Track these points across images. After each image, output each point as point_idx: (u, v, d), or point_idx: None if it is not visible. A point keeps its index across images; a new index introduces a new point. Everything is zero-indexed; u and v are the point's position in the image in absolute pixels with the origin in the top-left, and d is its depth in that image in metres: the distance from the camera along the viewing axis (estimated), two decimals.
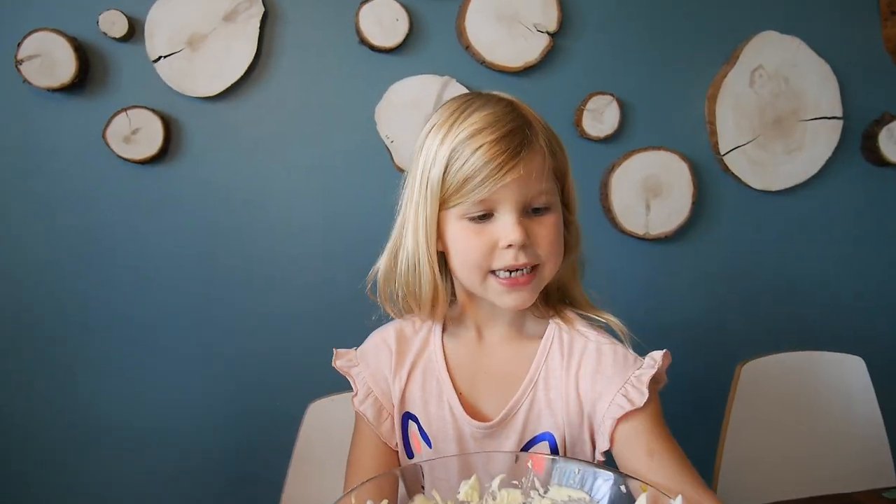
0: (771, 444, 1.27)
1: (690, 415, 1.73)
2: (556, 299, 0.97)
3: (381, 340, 0.98)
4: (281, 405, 1.58)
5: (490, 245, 0.84)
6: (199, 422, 1.66)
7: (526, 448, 0.90)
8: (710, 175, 1.79)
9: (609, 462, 0.88)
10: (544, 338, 0.94)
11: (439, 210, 0.85)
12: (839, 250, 1.88)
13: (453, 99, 0.90)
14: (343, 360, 0.98)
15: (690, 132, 1.77)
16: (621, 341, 0.91)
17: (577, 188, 0.93)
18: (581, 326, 0.94)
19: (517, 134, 0.82)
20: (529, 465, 0.74)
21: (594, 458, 0.90)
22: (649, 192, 1.74)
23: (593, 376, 0.89)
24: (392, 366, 0.95)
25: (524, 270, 0.85)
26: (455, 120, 0.85)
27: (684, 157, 1.74)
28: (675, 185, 1.75)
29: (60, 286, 1.61)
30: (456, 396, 0.92)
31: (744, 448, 1.28)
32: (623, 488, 0.69)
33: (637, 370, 0.88)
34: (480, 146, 0.81)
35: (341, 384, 1.09)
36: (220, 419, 1.67)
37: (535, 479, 0.74)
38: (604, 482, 0.70)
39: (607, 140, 1.71)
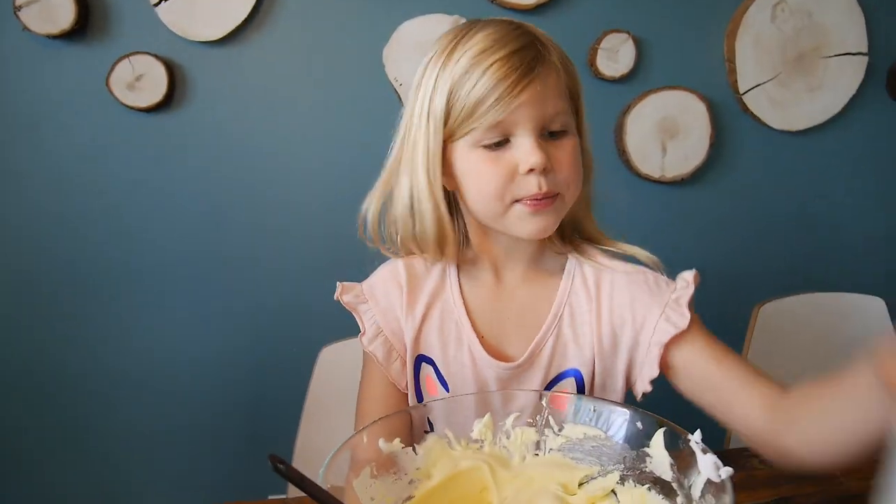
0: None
1: None
2: (570, 234, 0.94)
3: (390, 276, 0.94)
4: (294, 353, 1.59)
5: (509, 172, 0.79)
6: (212, 371, 1.68)
7: (551, 385, 0.89)
8: (728, 115, 1.73)
9: (654, 396, 0.88)
10: (565, 273, 0.92)
11: (445, 143, 0.81)
12: (860, 191, 1.83)
13: (449, 30, 0.84)
14: (349, 294, 0.93)
15: (708, 71, 1.71)
16: (650, 268, 0.89)
17: (591, 130, 0.89)
18: (603, 259, 0.91)
19: (529, 49, 0.78)
20: (545, 403, 0.73)
21: (626, 391, 0.90)
22: (665, 134, 1.70)
23: (631, 306, 0.87)
24: (403, 305, 0.92)
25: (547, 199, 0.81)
26: (456, 45, 0.80)
27: (702, 97, 1.68)
28: (693, 125, 1.70)
29: (68, 239, 1.61)
30: (477, 339, 0.89)
31: None
32: (639, 425, 0.67)
33: (673, 294, 0.86)
34: (491, 65, 0.76)
35: (353, 329, 1.08)
36: (234, 368, 1.69)
37: (551, 417, 0.73)
38: (619, 419, 0.69)
39: (622, 80, 1.66)
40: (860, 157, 1.82)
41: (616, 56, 1.64)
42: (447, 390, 0.91)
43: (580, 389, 0.89)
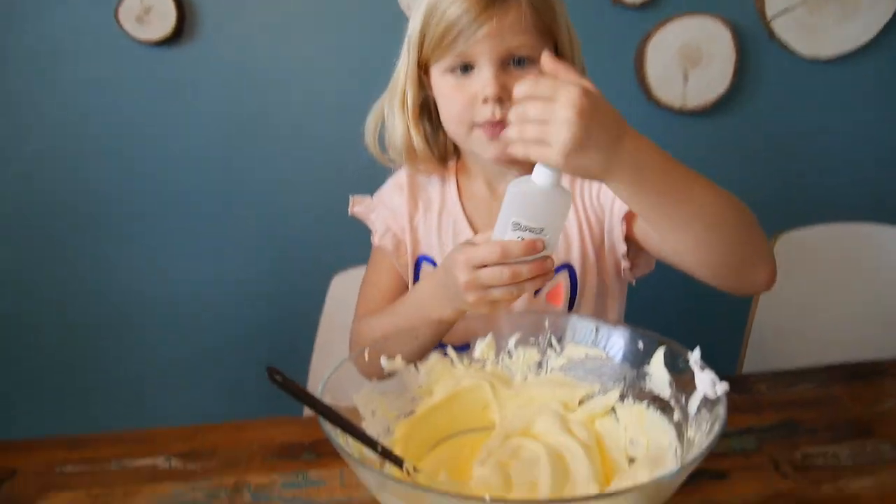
0: (804, 315, 1.25)
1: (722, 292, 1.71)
2: None
3: (395, 185, 1.05)
4: (307, 281, 1.60)
5: (470, 98, 0.86)
6: (227, 300, 1.72)
7: None
8: (754, 42, 1.66)
9: (640, 287, 0.94)
10: None
11: (427, 66, 0.89)
12: (890, 123, 1.77)
13: None
14: (360, 206, 1.04)
15: None
16: None
17: (607, 57, 0.90)
18: None
19: None
20: (546, 323, 0.73)
21: (625, 283, 0.98)
22: (687, 62, 1.64)
23: (599, 188, 0.94)
24: (406, 207, 1.01)
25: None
26: None
27: (727, 22, 1.61)
28: (716, 53, 1.64)
29: (81, 171, 1.63)
30: (473, 235, 0.97)
31: (774, 319, 1.26)
32: (640, 344, 0.67)
33: None
34: (455, 1, 0.82)
35: (364, 256, 1.10)
36: (248, 297, 1.72)
37: (553, 336, 0.73)
38: (620, 339, 0.69)
39: (643, 7, 1.59)
40: (892, 87, 1.74)
41: None
42: None
43: (573, 284, 0.94)
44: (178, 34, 1.54)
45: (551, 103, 0.61)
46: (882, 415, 0.86)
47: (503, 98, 0.84)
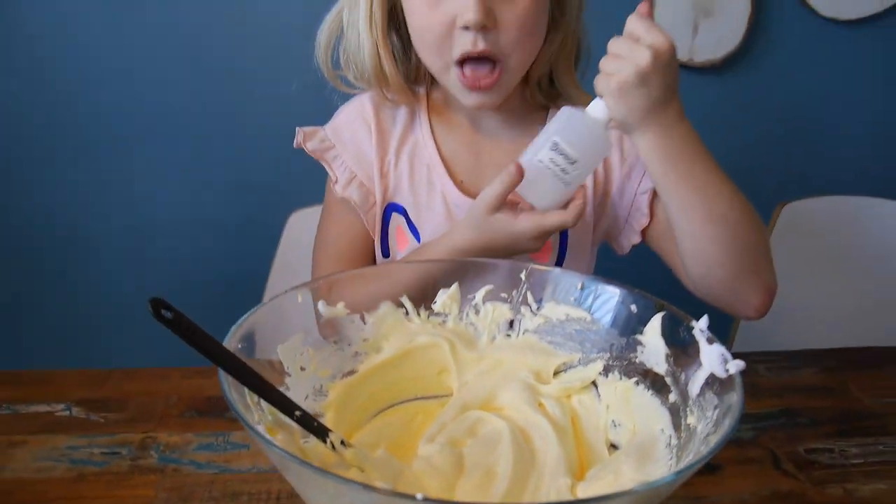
0: (804, 291, 1.14)
1: None
2: (547, 93, 0.85)
3: (356, 113, 0.86)
4: (265, 216, 1.49)
5: (447, 22, 0.71)
6: (186, 231, 1.61)
7: None
8: None
9: (633, 258, 0.87)
10: (548, 116, 0.84)
11: None
12: None
13: None
14: (313, 141, 0.85)
15: None
16: None
17: None
18: None
19: None
20: (523, 276, 0.61)
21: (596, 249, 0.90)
22: (699, 11, 1.50)
23: (618, 145, 0.84)
24: (374, 144, 0.84)
25: (488, 69, 0.73)
26: None
27: None
28: (730, 3, 1.50)
29: (45, 88, 1.50)
30: (451, 182, 0.83)
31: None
32: (633, 307, 0.55)
33: None
34: None
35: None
36: (208, 228, 1.61)
37: (529, 293, 0.61)
38: (610, 299, 0.57)
39: None
40: None
41: None
42: (419, 240, 0.84)
43: (563, 243, 0.84)
44: None
45: (636, 43, 0.65)
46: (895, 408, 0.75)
47: (488, 26, 0.69)
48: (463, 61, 0.73)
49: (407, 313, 0.61)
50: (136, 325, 1.64)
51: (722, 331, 1.26)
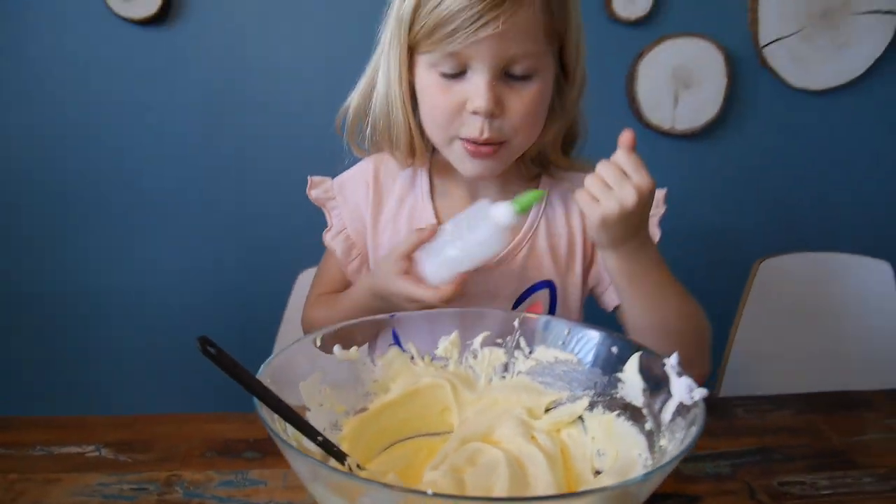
0: (783, 342, 1.21)
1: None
2: (539, 162, 0.92)
3: (359, 174, 0.94)
4: (274, 278, 1.55)
5: (457, 106, 0.76)
6: (196, 290, 1.67)
7: (524, 296, 0.89)
8: (746, 68, 1.65)
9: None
10: (540, 184, 0.92)
11: (414, 52, 0.77)
12: (876, 157, 1.76)
13: None
14: (318, 189, 0.94)
15: (729, 19, 1.62)
16: None
17: (600, 72, 0.86)
18: (576, 176, 0.89)
19: None
20: (516, 324, 0.68)
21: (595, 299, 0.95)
22: (679, 84, 1.62)
23: None
24: (370, 203, 0.92)
25: (491, 148, 0.79)
26: None
27: (720, 46, 1.60)
28: (708, 77, 1.62)
29: (60, 155, 1.58)
30: None
31: (754, 344, 1.23)
32: (614, 349, 0.62)
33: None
34: None
35: None
36: (218, 290, 1.66)
37: (522, 339, 0.68)
38: (593, 343, 0.64)
39: (638, 23, 1.58)
40: (880, 123, 1.74)
41: None
42: None
43: (553, 301, 0.90)
44: (164, 14, 1.50)
45: (626, 177, 0.71)
46: (863, 445, 0.81)
47: (495, 114, 0.75)
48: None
49: (412, 358, 0.68)
50: (155, 380, 1.71)
51: (709, 380, 1.32)
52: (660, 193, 0.90)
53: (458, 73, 0.75)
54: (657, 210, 0.89)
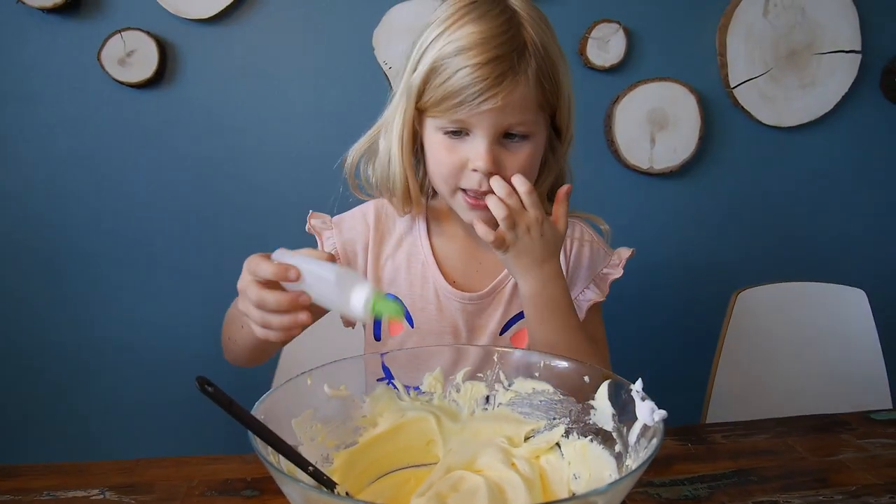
0: (763, 371, 1.25)
1: (684, 346, 1.72)
2: None
3: (360, 214, 1.01)
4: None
5: (460, 164, 0.85)
6: (194, 345, 1.68)
7: (510, 323, 0.96)
8: (718, 109, 1.73)
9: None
10: None
11: (424, 113, 0.86)
12: (848, 190, 1.83)
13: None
14: (318, 220, 1.00)
15: (700, 64, 1.71)
16: (602, 235, 1.01)
17: (578, 118, 0.91)
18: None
19: (503, 61, 0.79)
20: (496, 358, 0.73)
21: None
22: (655, 126, 1.69)
23: (574, 271, 0.99)
24: (367, 242, 0.98)
25: None
26: (449, 26, 0.82)
27: (692, 90, 1.68)
28: (682, 118, 1.70)
29: (58, 212, 1.62)
30: (441, 277, 0.96)
31: (735, 374, 1.26)
32: (586, 378, 0.67)
33: (604, 268, 0.99)
34: (463, 67, 0.79)
35: None
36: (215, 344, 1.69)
37: (501, 372, 0.72)
38: (567, 374, 0.69)
39: (612, 70, 1.66)
40: (850, 157, 1.81)
41: (606, 46, 1.64)
42: (412, 325, 0.97)
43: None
44: (159, 78, 1.57)
45: (522, 210, 0.83)
46: (837, 465, 0.85)
47: (493, 171, 0.84)
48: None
49: (398, 394, 0.72)
50: (152, 427, 1.73)
51: (695, 411, 1.36)
52: (625, 253, 0.99)
53: (462, 134, 0.84)
54: (615, 270, 0.99)
